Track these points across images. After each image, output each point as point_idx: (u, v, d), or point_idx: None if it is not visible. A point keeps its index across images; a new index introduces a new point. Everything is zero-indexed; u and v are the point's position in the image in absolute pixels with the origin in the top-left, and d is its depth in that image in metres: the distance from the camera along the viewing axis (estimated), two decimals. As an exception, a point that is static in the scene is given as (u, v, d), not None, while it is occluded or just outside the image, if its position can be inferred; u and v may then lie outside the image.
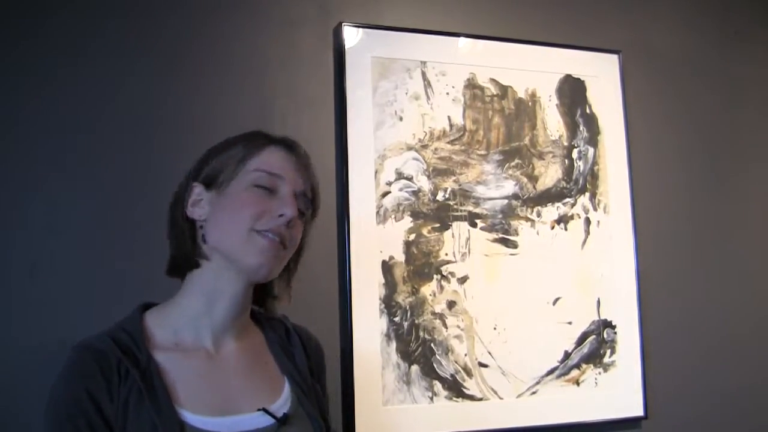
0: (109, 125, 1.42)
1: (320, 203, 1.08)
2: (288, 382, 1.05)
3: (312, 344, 1.15)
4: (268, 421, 0.96)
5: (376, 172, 1.58)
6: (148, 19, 1.48)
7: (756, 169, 2.02)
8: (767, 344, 1.95)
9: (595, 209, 1.77)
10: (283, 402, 1.01)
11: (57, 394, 0.89)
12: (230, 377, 0.99)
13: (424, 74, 1.66)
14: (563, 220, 1.74)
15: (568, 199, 1.75)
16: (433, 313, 1.59)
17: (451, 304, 1.61)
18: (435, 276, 1.60)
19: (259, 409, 0.96)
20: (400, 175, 1.60)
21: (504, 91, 1.73)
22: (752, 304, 1.95)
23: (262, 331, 1.10)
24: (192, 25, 1.51)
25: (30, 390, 1.29)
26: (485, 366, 1.62)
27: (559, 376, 1.68)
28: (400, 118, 1.62)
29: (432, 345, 1.58)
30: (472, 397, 1.59)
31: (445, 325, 1.60)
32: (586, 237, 1.76)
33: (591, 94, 1.82)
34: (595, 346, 1.73)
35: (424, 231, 1.61)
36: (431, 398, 1.56)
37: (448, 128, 1.66)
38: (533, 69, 1.76)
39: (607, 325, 1.75)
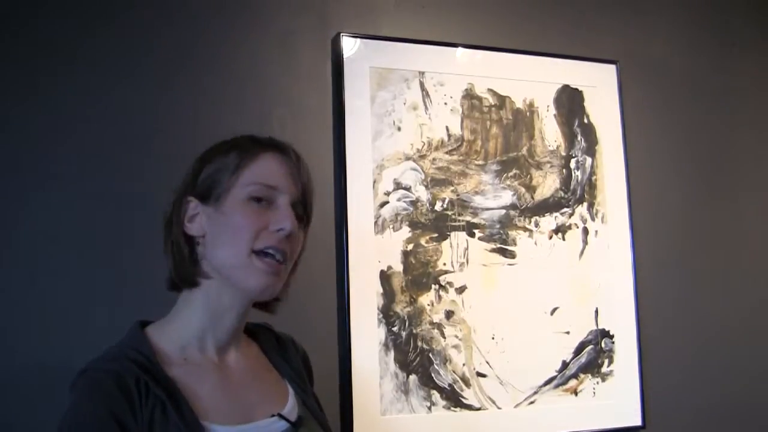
0: (109, 132, 1.43)
1: (314, 205, 1.04)
2: (291, 386, 1.06)
3: (301, 350, 1.17)
4: (282, 426, 0.97)
5: (374, 182, 1.58)
6: (149, 27, 1.49)
7: (753, 179, 2.03)
8: (765, 353, 1.95)
9: (593, 219, 1.78)
10: (291, 406, 1.02)
11: (76, 419, 0.85)
12: (240, 386, 1.00)
13: (422, 84, 1.66)
14: (561, 229, 1.74)
15: (565, 209, 1.76)
16: (431, 323, 1.59)
17: (449, 314, 1.61)
18: (433, 286, 1.61)
19: (273, 415, 0.97)
20: (398, 185, 1.61)
21: (502, 101, 1.74)
22: (750, 312, 1.95)
23: (256, 339, 1.11)
24: (191, 35, 1.52)
25: (30, 395, 1.30)
26: (483, 376, 1.62)
27: (557, 386, 1.68)
28: (399, 128, 1.63)
29: (430, 355, 1.58)
30: (470, 407, 1.59)
31: (443, 334, 1.60)
32: (584, 247, 1.76)
33: (589, 104, 1.82)
34: (593, 356, 1.73)
35: (422, 241, 1.61)
36: (429, 408, 1.56)
37: (446, 138, 1.67)
38: (531, 79, 1.77)
39: (605, 334, 1.75)
